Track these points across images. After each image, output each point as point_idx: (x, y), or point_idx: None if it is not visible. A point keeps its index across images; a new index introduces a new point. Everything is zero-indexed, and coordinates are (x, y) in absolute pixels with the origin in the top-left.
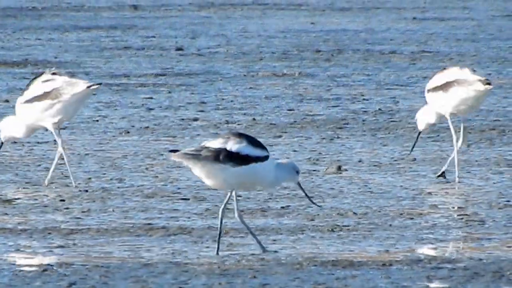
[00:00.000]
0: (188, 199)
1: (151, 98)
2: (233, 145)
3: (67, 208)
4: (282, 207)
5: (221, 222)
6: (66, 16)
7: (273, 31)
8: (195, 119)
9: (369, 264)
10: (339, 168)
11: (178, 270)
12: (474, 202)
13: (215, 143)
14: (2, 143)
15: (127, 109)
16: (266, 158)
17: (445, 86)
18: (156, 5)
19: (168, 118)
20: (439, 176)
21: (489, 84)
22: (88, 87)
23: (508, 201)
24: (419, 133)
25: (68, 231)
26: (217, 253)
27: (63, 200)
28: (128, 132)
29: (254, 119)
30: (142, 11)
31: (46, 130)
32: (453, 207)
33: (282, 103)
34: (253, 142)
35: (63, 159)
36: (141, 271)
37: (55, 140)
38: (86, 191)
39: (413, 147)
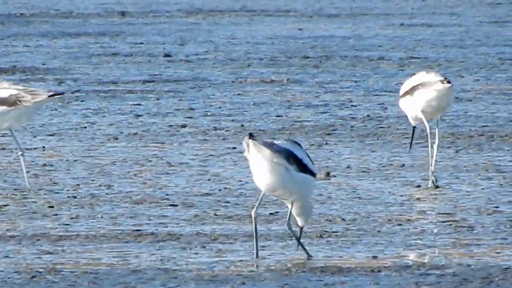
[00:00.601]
0: (177, 205)
1: (139, 104)
2: (298, 151)
3: (55, 215)
4: (271, 213)
5: (255, 227)
6: (54, 23)
7: (261, 37)
8: (183, 126)
9: (358, 270)
10: (327, 174)
11: (166, 276)
12: (463, 208)
13: (283, 144)
14: None
15: (115, 115)
16: (315, 175)
17: (411, 90)
18: (144, 11)
19: (156, 124)
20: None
21: (448, 82)
22: (50, 96)
23: (497, 207)
24: (414, 128)
25: (56, 237)
26: (256, 256)
27: (52, 207)
28: (117, 139)
29: (242, 125)
30: (130, 18)
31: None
32: (442, 213)
33: (270, 109)
34: (309, 156)
35: (52, 165)
36: (129, 278)
37: (43, 147)
38: (75, 197)
39: (411, 144)
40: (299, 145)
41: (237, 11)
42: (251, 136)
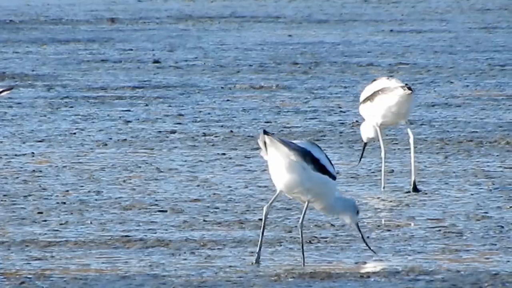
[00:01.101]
0: (166, 211)
1: (129, 110)
2: (315, 151)
3: (44, 221)
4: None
5: (301, 234)
6: (44, 29)
7: (250, 43)
8: (173, 132)
9: (347, 276)
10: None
11: (155, 282)
12: (452, 214)
13: (301, 143)
14: None
15: (105, 121)
16: (335, 178)
17: (372, 96)
18: (134, 18)
19: (145, 130)
20: (414, 190)
21: (409, 89)
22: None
23: (486, 212)
24: (365, 144)
25: (46, 243)
26: (303, 265)
27: (41, 213)
28: (106, 145)
29: (231, 131)
30: (120, 24)
31: None
32: (431, 219)
33: (259, 115)
34: (328, 158)
35: (41, 171)
36: (119, 283)
37: (32, 153)
38: (64, 203)
39: (360, 158)
40: (318, 147)
41: (227, 18)
42: (265, 132)
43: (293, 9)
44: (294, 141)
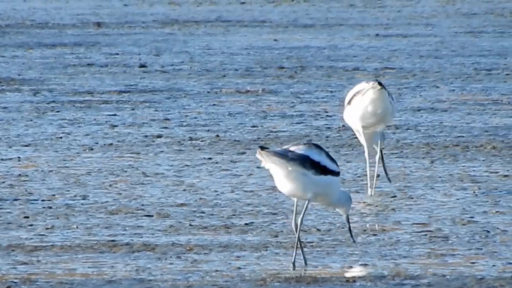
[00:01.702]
0: (152, 215)
1: (115, 115)
2: (314, 154)
3: (31, 225)
4: (246, 224)
5: (298, 235)
6: (30, 33)
7: (236, 48)
8: (159, 136)
9: (333, 280)
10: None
11: (142, 286)
12: (438, 218)
13: (299, 149)
14: None
15: (91, 126)
16: (338, 174)
17: (350, 100)
18: (120, 22)
19: (131, 135)
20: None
21: (379, 84)
22: None
23: (472, 217)
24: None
25: (32, 248)
26: (305, 264)
27: (27, 217)
28: (92, 149)
29: (217, 135)
30: (106, 28)
31: None
32: (417, 223)
33: (245, 119)
34: (329, 155)
35: (27, 175)
36: None
37: (19, 157)
38: (50, 207)
39: (386, 174)
40: (318, 147)
41: (213, 22)
42: (262, 148)
43: (279, 13)
44: (292, 148)
